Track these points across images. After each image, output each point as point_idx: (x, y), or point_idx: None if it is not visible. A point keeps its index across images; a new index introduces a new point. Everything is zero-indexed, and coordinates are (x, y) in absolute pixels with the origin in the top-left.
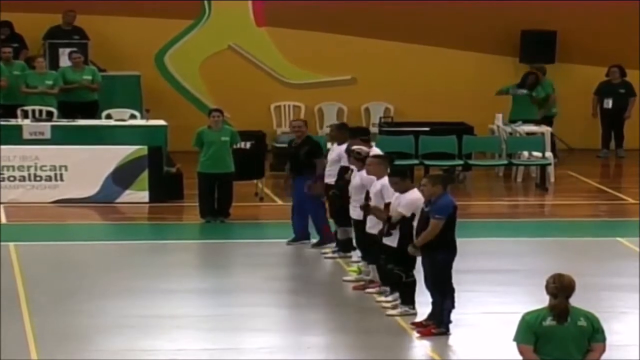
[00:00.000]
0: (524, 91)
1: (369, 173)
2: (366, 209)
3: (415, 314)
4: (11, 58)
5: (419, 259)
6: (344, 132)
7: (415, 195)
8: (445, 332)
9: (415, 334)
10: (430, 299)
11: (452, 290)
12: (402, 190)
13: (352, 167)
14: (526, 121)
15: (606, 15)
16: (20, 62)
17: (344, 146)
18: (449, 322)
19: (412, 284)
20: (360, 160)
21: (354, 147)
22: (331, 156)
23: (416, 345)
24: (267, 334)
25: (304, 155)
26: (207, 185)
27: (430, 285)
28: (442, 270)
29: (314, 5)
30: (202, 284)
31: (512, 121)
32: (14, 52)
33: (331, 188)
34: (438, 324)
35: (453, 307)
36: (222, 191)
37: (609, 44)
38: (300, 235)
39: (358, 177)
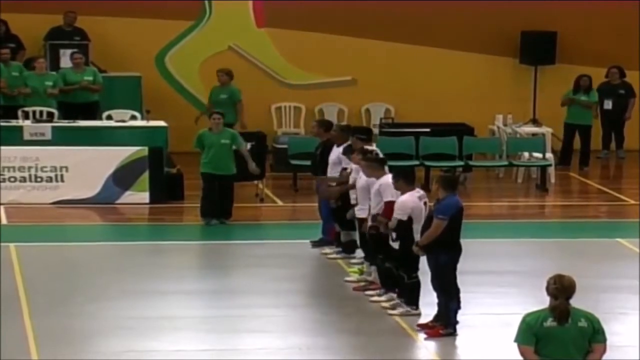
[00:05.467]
0: (585, 99)
1: (366, 175)
2: (374, 218)
3: (418, 315)
4: (9, 59)
5: (423, 260)
6: (347, 134)
7: (405, 198)
8: (453, 333)
9: (423, 336)
10: (435, 300)
11: (457, 291)
12: (400, 191)
13: (352, 166)
14: (580, 127)
15: (606, 16)
16: (17, 64)
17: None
18: (456, 322)
19: (415, 285)
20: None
21: (368, 147)
22: (331, 158)
23: (417, 347)
24: (267, 335)
25: (318, 155)
26: (211, 185)
27: (435, 286)
28: (446, 271)
29: (315, 6)
30: (202, 285)
31: (569, 125)
32: (11, 52)
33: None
34: (445, 325)
35: (459, 307)
36: (223, 193)
37: (609, 45)
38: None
39: (363, 178)
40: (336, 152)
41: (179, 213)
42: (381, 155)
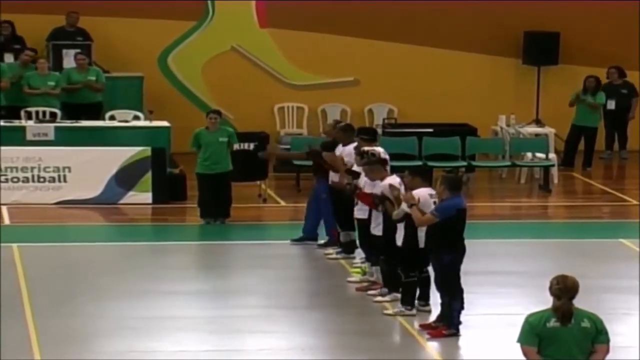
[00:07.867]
0: (591, 100)
1: (369, 179)
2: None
3: (413, 315)
4: (29, 61)
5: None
6: (350, 133)
7: (417, 191)
8: (456, 334)
9: (426, 336)
10: (439, 300)
11: (461, 291)
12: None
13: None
14: (586, 128)
15: (609, 17)
16: (34, 67)
17: (349, 147)
18: (459, 323)
19: (412, 285)
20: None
21: (366, 148)
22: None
23: (420, 347)
24: (270, 335)
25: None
26: (206, 186)
27: (438, 286)
28: (449, 271)
29: (317, 7)
30: (205, 285)
31: (576, 126)
32: (14, 53)
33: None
34: (448, 325)
35: (462, 308)
36: (222, 191)
37: (612, 45)
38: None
39: (363, 179)
40: (341, 151)
41: (182, 213)
42: (383, 156)
